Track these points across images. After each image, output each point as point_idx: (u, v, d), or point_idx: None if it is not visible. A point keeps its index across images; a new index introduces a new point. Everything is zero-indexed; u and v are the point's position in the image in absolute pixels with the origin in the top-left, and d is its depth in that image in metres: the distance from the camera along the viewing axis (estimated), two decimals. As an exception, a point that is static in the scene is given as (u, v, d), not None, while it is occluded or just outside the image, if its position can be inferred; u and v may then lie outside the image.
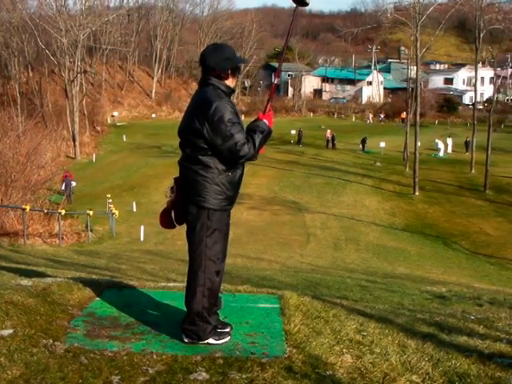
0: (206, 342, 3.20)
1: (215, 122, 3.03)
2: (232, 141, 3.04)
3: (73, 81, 43.04)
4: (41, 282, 4.12)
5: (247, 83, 66.38)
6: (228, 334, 3.30)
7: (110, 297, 4.01)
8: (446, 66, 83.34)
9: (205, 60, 3.16)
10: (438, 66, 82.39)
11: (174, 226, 3.33)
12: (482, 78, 62.20)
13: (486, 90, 66.08)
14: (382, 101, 73.84)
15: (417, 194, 30.14)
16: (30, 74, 55.85)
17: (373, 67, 77.04)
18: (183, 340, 3.23)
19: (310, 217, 24.63)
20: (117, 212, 19.76)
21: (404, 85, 56.11)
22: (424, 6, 32.11)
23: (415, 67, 34.16)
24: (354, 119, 66.59)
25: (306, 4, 2.95)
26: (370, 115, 65.62)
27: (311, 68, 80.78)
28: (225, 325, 3.37)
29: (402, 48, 79.24)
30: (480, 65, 40.96)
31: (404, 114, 41.54)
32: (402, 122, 45.70)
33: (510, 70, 69.18)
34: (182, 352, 3.11)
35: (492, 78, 54.88)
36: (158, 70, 68.65)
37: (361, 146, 42.66)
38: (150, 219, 21.39)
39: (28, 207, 16.51)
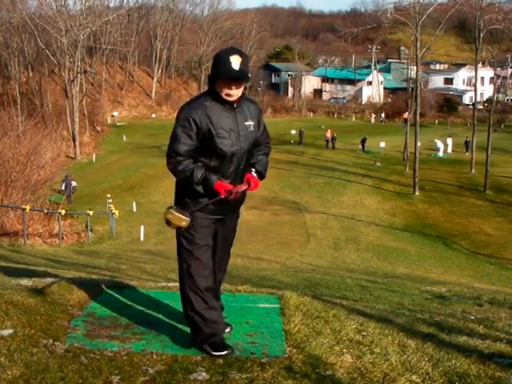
0: (203, 347, 3.11)
1: (175, 123, 3.04)
2: (169, 144, 3.03)
3: (73, 81, 43.06)
4: (41, 282, 4.12)
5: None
6: (227, 347, 3.11)
7: (110, 297, 4.01)
8: (446, 65, 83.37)
9: None
10: (438, 66, 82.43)
11: None
12: (482, 78, 62.21)
13: (486, 90, 66.10)
14: (381, 101, 73.87)
15: (417, 194, 30.15)
16: (30, 74, 55.90)
17: (373, 67, 77.06)
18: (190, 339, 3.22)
19: (309, 217, 24.64)
20: (117, 212, 19.76)
21: (404, 85, 56.16)
22: (424, 6, 32.10)
23: (415, 67, 34.16)
24: (353, 119, 66.61)
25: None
26: (373, 115, 65.69)
27: (311, 68, 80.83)
28: (225, 325, 3.36)
29: (402, 48, 79.30)
30: (480, 65, 40.97)
31: (406, 114, 41.55)
32: (404, 122, 45.62)
33: (510, 70, 69.21)
34: (182, 352, 3.10)
35: (492, 78, 54.88)
36: (158, 69, 68.68)
37: (360, 146, 42.68)
38: (150, 219, 21.42)
39: (28, 207, 16.50)
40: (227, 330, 3.34)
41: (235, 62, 2.89)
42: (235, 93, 2.98)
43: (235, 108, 3.04)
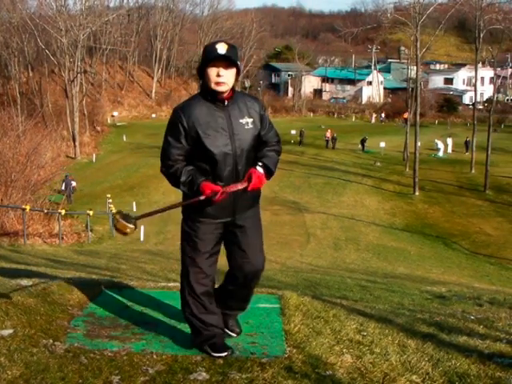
0: (203, 348, 3.10)
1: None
2: (161, 149, 2.97)
3: (73, 81, 43.06)
4: (41, 282, 4.12)
5: (247, 83, 66.46)
6: (228, 348, 3.10)
7: (110, 297, 4.01)
8: (446, 65, 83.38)
9: None
10: (438, 66, 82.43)
11: None
12: (482, 78, 62.22)
13: (486, 90, 66.10)
14: (381, 101, 73.87)
15: (417, 194, 30.15)
16: (30, 74, 55.90)
17: (373, 67, 77.06)
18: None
19: (309, 217, 24.64)
20: (117, 212, 19.73)
21: (404, 85, 56.17)
22: (424, 6, 32.13)
23: (415, 67, 34.18)
24: (353, 119, 66.60)
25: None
26: (374, 115, 65.68)
27: (311, 68, 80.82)
28: (234, 327, 3.33)
29: (402, 48, 79.27)
30: (480, 65, 40.97)
31: (406, 114, 41.59)
32: (404, 122, 45.60)
33: (510, 70, 69.20)
34: (182, 352, 3.10)
35: (492, 78, 54.88)
36: (158, 69, 68.68)
37: (360, 146, 42.69)
38: (150, 219, 21.39)
39: (28, 207, 16.50)
40: (235, 331, 3.31)
41: (221, 47, 2.83)
42: (224, 80, 2.85)
43: (227, 105, 2.93)
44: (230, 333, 3.30)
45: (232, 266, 3.16)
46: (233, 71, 2.88)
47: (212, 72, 2.84)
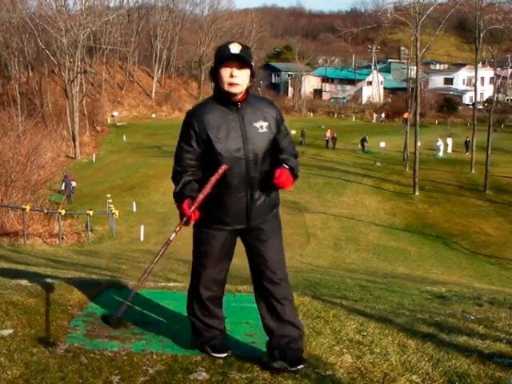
0: (203, 349, 3.10)
1: None
2: (175, 152, 2.91)
3: (73, 81, 43.05)
4: (41, 282, 4.12)
5: (247, 83, 66.40)
6: (228, 349, 3.08)
7: (110, 297, 4.01)
8: (446, 65, 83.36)
9: None
10: (438, 66, 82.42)
11: None
12: (482, 78, 62.20)
13: (486, 90, 66.09)
14: (381, 101, 73.87)
15: (417, 194, 30.15)
16: (30, 74, 55.88)
17: (373, 67, 77.04)
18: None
19: (310, 217, 24.63)
20: (117, 212, 19.76)
21: (404, 85, 56.17)
22: (424, 6, 32.14)
23: (415, 67, 34.19)
24: (353, 119, 66.60)
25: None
26: (375, 115, 65.68)
27: (311, 68, 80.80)
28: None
29: (402, 48, 79.26)
30: (480, 65, 40.97)
31: (406, 114, 41.56)
32: (404, 122, 45.59)
33: (510, 70, 69.20)
34: (182, 352, 3.10)
35: (492, 78, 54.87)
36: (158, 69, 68.65)
37: (360, 146, 42.68)
38: (150, 219, 21.43)
39: (28, 207, 16.50)
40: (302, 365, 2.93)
41: (234, 47, 2.75)
42: (238, 80, 2.74)
43: (241, 108, 2.82)
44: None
45: (251, 271, 3.06)
46: (246, 72, 2.79)
47: (225, 72, 2.75)
